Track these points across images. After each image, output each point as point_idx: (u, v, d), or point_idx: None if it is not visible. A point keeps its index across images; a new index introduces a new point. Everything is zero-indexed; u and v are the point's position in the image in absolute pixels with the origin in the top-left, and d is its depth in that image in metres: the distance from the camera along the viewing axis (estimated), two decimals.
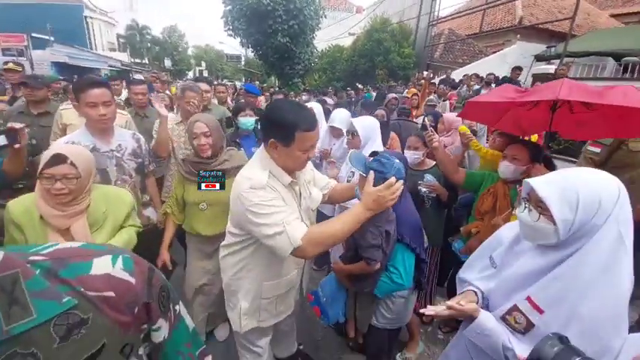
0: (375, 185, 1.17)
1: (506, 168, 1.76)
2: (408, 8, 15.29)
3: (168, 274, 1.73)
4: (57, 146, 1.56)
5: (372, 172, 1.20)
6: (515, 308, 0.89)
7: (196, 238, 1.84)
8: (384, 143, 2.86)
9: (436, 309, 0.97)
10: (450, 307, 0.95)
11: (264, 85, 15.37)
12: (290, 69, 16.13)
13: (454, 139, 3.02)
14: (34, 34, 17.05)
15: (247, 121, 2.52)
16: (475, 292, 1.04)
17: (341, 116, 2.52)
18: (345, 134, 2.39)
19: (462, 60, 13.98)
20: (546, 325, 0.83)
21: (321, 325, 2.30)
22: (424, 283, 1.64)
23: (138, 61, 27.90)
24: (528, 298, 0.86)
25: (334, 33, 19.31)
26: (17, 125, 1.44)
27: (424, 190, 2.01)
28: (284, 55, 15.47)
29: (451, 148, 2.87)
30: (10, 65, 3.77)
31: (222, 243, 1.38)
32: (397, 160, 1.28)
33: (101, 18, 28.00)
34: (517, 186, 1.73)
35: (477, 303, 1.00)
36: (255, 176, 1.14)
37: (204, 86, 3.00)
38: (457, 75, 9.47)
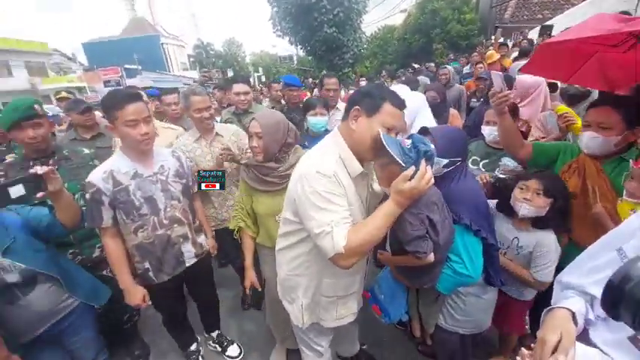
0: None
1: (591, 140, 1.31)
2: None
3: (259, 293, 1.66)
4: (92, 177, 1.42)
5: (412, 167, 0.98)
6: None
7: (272, 250, 1.61)
8: (444, 122, 2.52)
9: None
10: None
11: (317, 80, 15.43)
12: (339, 59, 15.84)
13: (533, 109, 2.44)
14: (126, 66, 20.48)
15: (318, 121, 2.10)
16: (571, 312, 0.76)
17: (397, 88, 2.31)
18: None
19: (541, 15, 11.73)
20: None
21: (386, 324, 2.16)
22: (494, 277, 1.35)
23: (206, 76, 31.05)
24: None
25: (383, 13, 18.24)
26: (40, 169, 1.15)
27: (502, 177, 1.64)
28: (332, 46, 15.26)
29: (542, 117, 2.20)
30: (63, 94, 3.68)
31: (279, 232, 1.32)
32: (428, 142, 1.04)
33: (174, 43, 32.04)
34: (621, 160, 1.26)
35: (577, 326, 0.74)
36: (324, 160, 1.07)
37: (242, 87, 2.60)
38: (536, 34, 7.94)
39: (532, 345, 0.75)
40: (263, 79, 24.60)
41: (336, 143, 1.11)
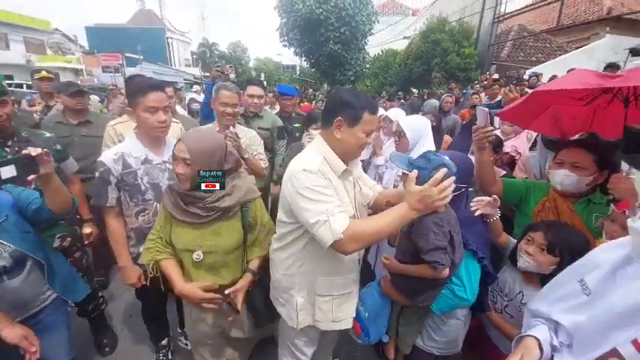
0: (420, 185, 1.06)
1: (566, 178, 1.37)
2: (469, 6, 14.20)
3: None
4: (104, 157, 1.46)
5: (415, 171, 1.07)
6: (613, 353, 0.68)
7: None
8: (437, 147, 2.63)
9: None
10: None
11: (317, 92, 15.72)
12: (341, 75, 16.26)
13: (523, 144, 2.60)
14: (127, 54, 20.32)
15: None
16: (537, 339, 0.82)
17: (396, 111, 2.54)
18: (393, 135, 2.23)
19: (535, 58, 12.40)
20: None
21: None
22: (487, 302, 1.38)
23: (207, 74, 31.01)
24: (635, 342, 0.65)
25: (387, 37, 18.92)
26: (34, 151, 1.10)
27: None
28: (335, 61, 15.69)
29: (524, 158, 2.29)
30: (44, 73, 3.38)
31: (274, 235, 1.36)
32: (446, 157, 1.12)
33: (179, 38, 32.12)
34: (589, 201, 1.36)
35: (541, 356, 0.80)
36: (309, 160, 1.16)
37: (257, 90, 2.54)
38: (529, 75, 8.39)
39: None
40: (265, 84, 24.78)
41: (320, 147, 1.20)
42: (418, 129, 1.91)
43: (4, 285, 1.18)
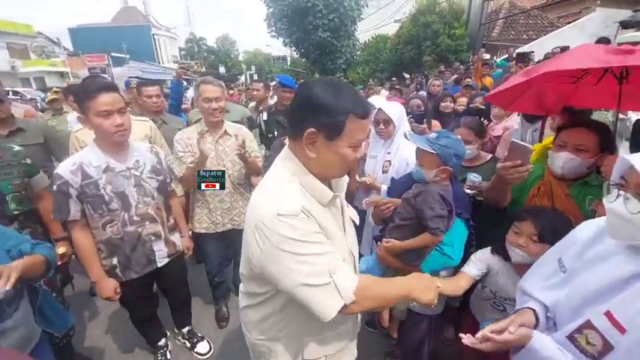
0: (446, 163, 1.19)
1: (567, 161, 1.26)
2: None
3: None
4: (61, 169, 1.36)
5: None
6: (588, 325, 0.72)
7: None
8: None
9: (471, 339, 0.82)
10: (487, 339, 0.79)
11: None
12: (332, 64, 16.05)
13: (516, 124, 2.61)
14: (113, 54, 19.93)
15: None
16: (534, 312, 0.86)
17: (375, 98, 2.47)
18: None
19: (526, 36, 12.28)
20: (628, 348, 0.66)
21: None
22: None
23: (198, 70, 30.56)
24: (607, 313, 0.69)
25: (378, 21, 18.60)
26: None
27: (469, 192, 1.63)
28: (325, 50, 15.46)
29: (506, 135, 2.38)
30: None
31: (241, 288, 1.04)
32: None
33: (165, 34, 31.45)
34: (584, 184, 1.28)
35: (536, 326, 0.83)
36: (284, 196, 0.80)
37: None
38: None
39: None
40: (255, 76, 24.50)
41: (291, 169, 0.85)
42: (400, 114, 1.91)
43: (14, 318, 1.06)
